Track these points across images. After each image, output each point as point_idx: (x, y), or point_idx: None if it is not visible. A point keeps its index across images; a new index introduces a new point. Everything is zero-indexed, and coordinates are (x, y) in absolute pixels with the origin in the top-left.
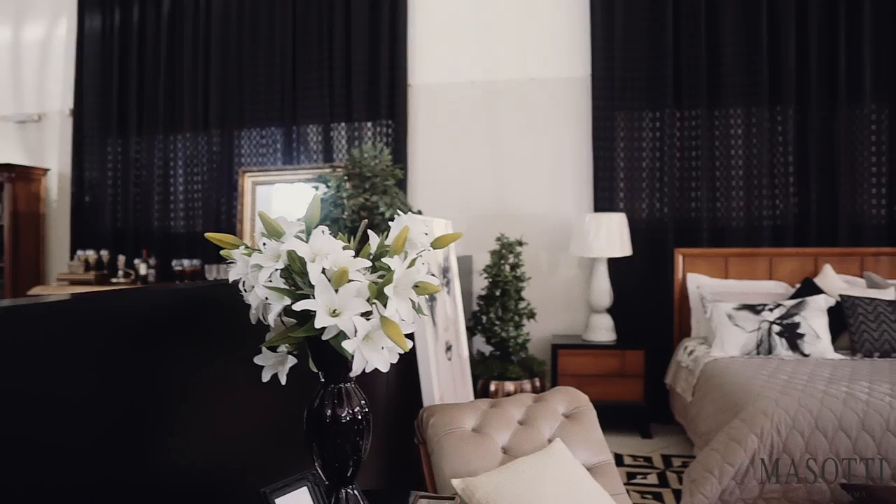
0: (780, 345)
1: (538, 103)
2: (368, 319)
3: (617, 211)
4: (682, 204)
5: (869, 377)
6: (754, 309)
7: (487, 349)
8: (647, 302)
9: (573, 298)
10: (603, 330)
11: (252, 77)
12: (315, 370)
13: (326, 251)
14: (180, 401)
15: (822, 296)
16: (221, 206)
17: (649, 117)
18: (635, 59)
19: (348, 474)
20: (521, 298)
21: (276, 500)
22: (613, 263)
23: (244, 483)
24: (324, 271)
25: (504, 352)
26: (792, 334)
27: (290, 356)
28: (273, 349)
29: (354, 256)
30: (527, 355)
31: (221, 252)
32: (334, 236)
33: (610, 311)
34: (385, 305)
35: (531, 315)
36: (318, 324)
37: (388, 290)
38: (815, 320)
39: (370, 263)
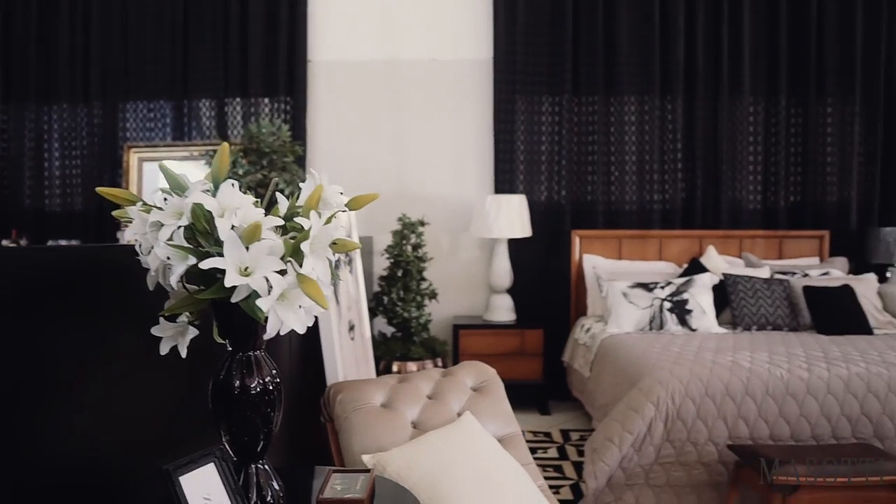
0: (671, 320)
1: (441, 84)
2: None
3: (517, 193)
4: (578, 187)
5: (750, 347)
6: (647, 287)
7: (389, 330)
8: (546, 282)
9: (474, 279)
10: (503, 310)
11: (138, 46)
12: (220, 340)
13: (236, 205)
14: (68, 375)
15: (707, 274)
16: (104, 184)
17: (549, 102)
18: (537, 44)
19: (258, 449)
20: (423, 279)
21: (181, 479)
22: (513, 245)
23: (145, 462)
24: (233, 229)
25: (406, 332)
26: (681, 310)
27: (190, 327)
28: (173, 319)
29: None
30: (429, 336)
31: (115, 213)
32: None
33: (510, 291)
34: (300, 264)
35: (433, 295)
36: (228, 282)
37: (304, 246)
38: (701, 297)
39: (282, 221)
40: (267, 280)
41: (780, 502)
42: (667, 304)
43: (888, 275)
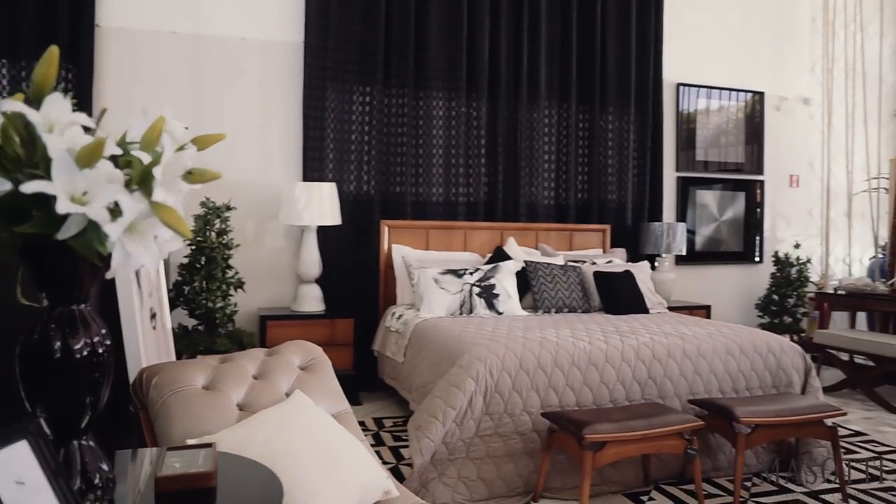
0: (480, 304)
1: (249, 65)
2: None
3: (326, 181)
4: (387, 178)
5: (553, 326)
6: (457, 273)
7: (191, 322)
8: (355, 272)
9: (281, 269)
10: (312, 300)
11: None
12: (24, 301)
13: (67, 121)
14: None
15: (511, 261)
16: None
17: (360, 92)
18: (350, 32)
19: (83, 423)
20: (230, 267)
21: None
22: (322, 234)
23: None
24: None
25: (210, 324)
26: (489, 294)
27: None
28: None
29: None
30: (234, 328)
31: None
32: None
33: (319, 281)
34: (149, 196)
35: (239, 285)
36: (61, 209)
37: (157, 171)
38: (507, 282)
39: (120, 150)
40: (110, 211)
41: (590, 458)
42: (476, 289)
43: (656, 264)
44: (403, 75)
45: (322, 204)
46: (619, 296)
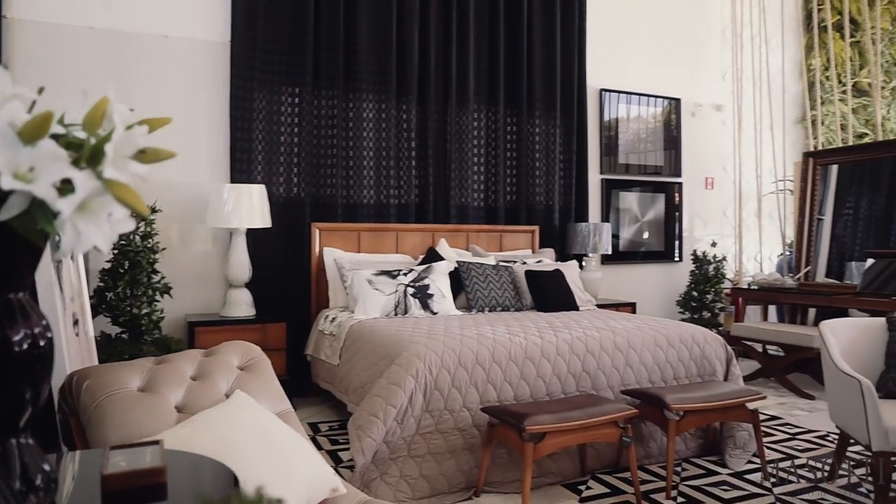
0: (415, 305)
1: (172, 64)
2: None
3: (254, 183)
4: (318, 180)
5: (489, 324)
6: (391, 274)
7: (114, 330)
8: (286, 276)
9: (209, 273)
10: (242, 305)
11: None
12: None
13: (8, 93)
14: None
15: (444, 262)
16: None
17: (288, 93)
18: (278, 33)
19: (22, 421)
20: (155, 271)
21: None
22: (252, 238)
23: None
24: None
25: (135, 331)
26: (424, 295)
27: None
28: None
29: None
30: (161, 334)
31: None
32: None
33: (248, 285)
34: (99, 175)
35: (166, 290)
36: (4, 185)
37: (108, 147)
38: (441, 282)
39: (63, 129)
40: (58, 190)
41: (531, 449)
42: (410, 290)
43: (584, 263)
44: (333, 77)
45: (251, 206)
46: (550, 294)
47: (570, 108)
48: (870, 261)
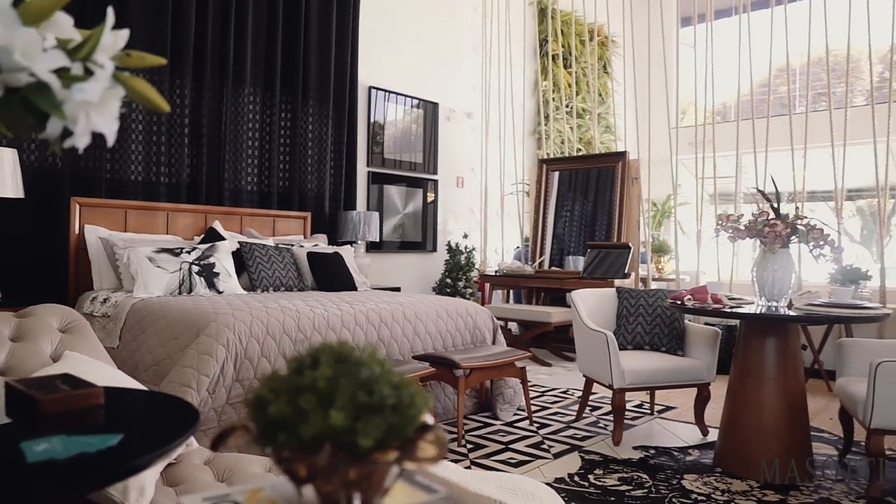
0: (200, 283)
1: None
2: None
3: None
4: (76, 152)
5: (285, 300)
6: (173, 252)
7: None
8: (37, 255)
9: None
10: None
11: None
12: None
13: None
14: None
15: (227, 241)
16: None
17: None
18: None
19: None
20: None
21: None
22: None
23: None
24: None
25: None
26: (210, 273)
27: None
28: None
29: None
30: None
31: None
32: None
33: None
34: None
35: None
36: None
37: (105, 39)
38: (226, 261)
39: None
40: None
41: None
42: (195, 268)
43: (353, 249)
44: None
45: (2, 172)
46: (331, 275)
47: (342, 101)
48: (589, 251)
